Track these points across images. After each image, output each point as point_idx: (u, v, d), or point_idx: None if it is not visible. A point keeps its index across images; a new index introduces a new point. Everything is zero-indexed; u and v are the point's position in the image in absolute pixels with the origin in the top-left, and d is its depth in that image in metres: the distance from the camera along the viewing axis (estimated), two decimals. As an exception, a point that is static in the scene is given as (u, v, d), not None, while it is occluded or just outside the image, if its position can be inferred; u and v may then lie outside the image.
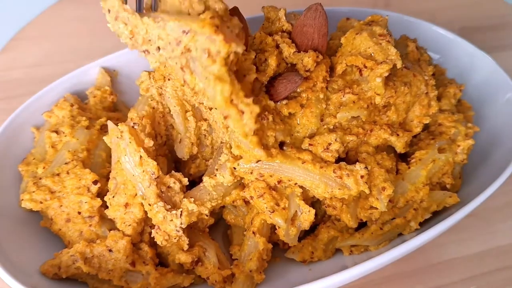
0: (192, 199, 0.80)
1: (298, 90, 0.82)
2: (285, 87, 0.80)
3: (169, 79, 0.84)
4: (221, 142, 0.86)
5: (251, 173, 0.79)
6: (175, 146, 0.89)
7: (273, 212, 0.79)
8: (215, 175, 0.81)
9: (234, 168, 0.79)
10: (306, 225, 0.81)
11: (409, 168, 0.87)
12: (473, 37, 1.28)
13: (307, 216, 0.80)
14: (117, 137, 0.81)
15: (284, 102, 0.81)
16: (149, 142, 0.82)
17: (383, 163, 0.83)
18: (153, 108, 0.88)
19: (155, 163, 0.79)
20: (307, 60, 0.82)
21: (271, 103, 0.80)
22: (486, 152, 0.97)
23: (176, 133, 0.89)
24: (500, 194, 0.87)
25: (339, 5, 1.33)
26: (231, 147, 0.80)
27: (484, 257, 0.97)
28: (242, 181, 0.82)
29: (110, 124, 0.86)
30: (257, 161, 0.78)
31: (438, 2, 1.57)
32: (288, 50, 0.82)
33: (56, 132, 0.92)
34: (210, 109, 0.84)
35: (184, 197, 0.80)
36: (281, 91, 0.80)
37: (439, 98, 0.94)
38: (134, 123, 0.82)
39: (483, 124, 1.00)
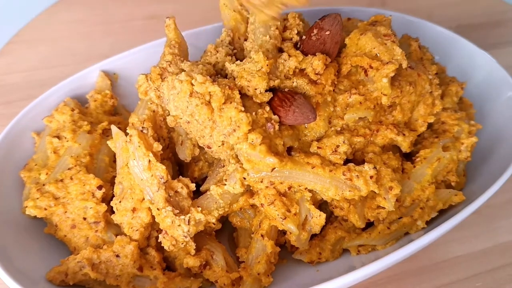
0: (199, 208, 0.79)
1: (308, 95, 0.82)
2: (295, 118, 0.79)
3: (165, 77, 0.83)
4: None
5: (261, 182, 0.79)
6: (176, 148, 0.89)
7: (285, 218, 0.79)
8: (224, 185, 0.80)
9: (244, 178, 0.78)
10: (317, 229, 0.81)
11: (414, 167, 0.87)
12: (469, 35, 1.28)
13: (317, 220, 0.80)
14: (126, 141, 0.80)
15: None
16: (158, 146, 0.81)
17: (389, 163, 0.83)
18: (153, 111, 0.86)
19: (163, 167, 0.79)
20: (317, 63, 0.81)
21: (276, 118, 0.80)
22: (488, 149, 0.97)
23: (177, 136, 0.88)
24: (502, 191, 0.87)
25: (336, 4, 1.33)
26: (237, 156, 0.79)
27: (488, 254, 0.98)
28: (250, 187, 0.81)
29: (114, 128, 0.85)
30: (272, 169, 0.77)
31: (434, 0, 1.58)
32: (296, 60, 0.82)
33: (58, 137, 0.91)
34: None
35: (191, 206, 0.80)
36: (290, 119, 0.80)
37: (441, 96, 0.95)
38: (142, 127, 0.82)
39: (484, 122, 1.00)
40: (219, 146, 0.80)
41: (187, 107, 0.78)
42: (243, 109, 0.77)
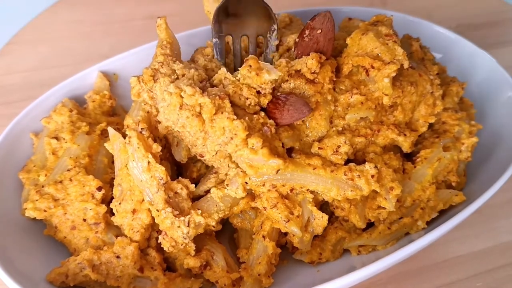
0: (199, 211, 0.79)
1: (307, 95, 0.82)
2: (291, 115, 0.79)
3: (157, 79, 0.83)
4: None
5: (263, 185, 0.78)
6: (172, 149, 0.88)
7: (288, 221, 0.78)
8: (225, 189, 0.79)
9: (246, 183, 0.78)
10: (319, 231, 0.81)
11: (415, 167, 0.87)
12: (469, 35, 1.28)
13: (320, 222, 0.80)
14: (126, 143, 0.80)
15: None
16: (157, 148, 0.81)
17: (390, 163, 0.83)
18: (148, 112, 0.86)
19: (163, 168, 0.78)
20: (311, 62, 0.81)
21: (271, 122, 0.80)
22: (488, 149, 0.97)
23: (172, 137, 0.88)
24: (503, 191, 0.87)
25: (337, 4, 1.33)
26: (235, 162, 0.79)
27: (488, 254, 0.97)
28: (252, 190, 0.81)
29: (110, 130, 0.84)
30: (277, 171, 0.77)
31: (434, 0, 1.58)
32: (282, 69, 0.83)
33: (56, 138, 0.90)
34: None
35: (191, 208, 0.80)
36: (286, 118, 0.80)
37: (442, 97, 0.95)
38: (142, 128, 0.81)
39: (484, 122, 1.00)
40: (213, 156, 0.80)
41: (177, 119, 0.78)
42: (235, 117, 0.76)
